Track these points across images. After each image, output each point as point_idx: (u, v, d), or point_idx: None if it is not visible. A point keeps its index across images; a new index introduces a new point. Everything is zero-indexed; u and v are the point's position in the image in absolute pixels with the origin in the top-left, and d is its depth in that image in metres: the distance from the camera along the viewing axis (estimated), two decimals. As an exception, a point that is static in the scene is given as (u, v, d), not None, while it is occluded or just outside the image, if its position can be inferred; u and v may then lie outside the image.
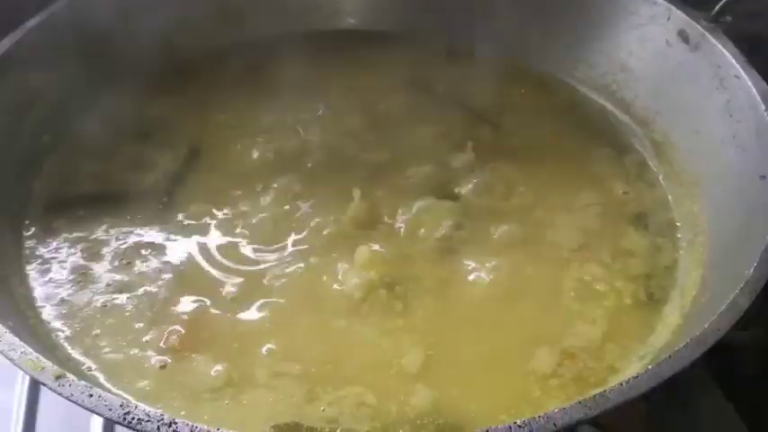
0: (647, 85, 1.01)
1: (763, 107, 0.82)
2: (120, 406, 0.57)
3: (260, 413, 0.70)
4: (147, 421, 0.56)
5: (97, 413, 0.57)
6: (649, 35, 1.00)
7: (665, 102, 0.98)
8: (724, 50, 0.89)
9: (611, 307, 0.81)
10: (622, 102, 1.04)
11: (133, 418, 0.57)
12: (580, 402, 0.58)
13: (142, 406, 0.57)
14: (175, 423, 0.56)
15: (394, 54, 1.10)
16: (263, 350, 0.75)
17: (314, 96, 1.04)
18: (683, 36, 0.95)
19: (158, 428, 0.56)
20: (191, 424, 0.56)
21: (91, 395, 0.58)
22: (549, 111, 1.05)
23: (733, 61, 0.88)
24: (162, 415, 0.56)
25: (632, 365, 0.75)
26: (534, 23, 1.09)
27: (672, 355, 0.61)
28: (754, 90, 0.84)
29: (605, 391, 0.59)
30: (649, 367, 0.60)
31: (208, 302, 0.79)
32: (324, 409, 0.70)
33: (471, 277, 0.82)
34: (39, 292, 0.80)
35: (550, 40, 1.09)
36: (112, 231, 0.86)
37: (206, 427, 0.55)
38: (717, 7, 0.92)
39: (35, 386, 0.88)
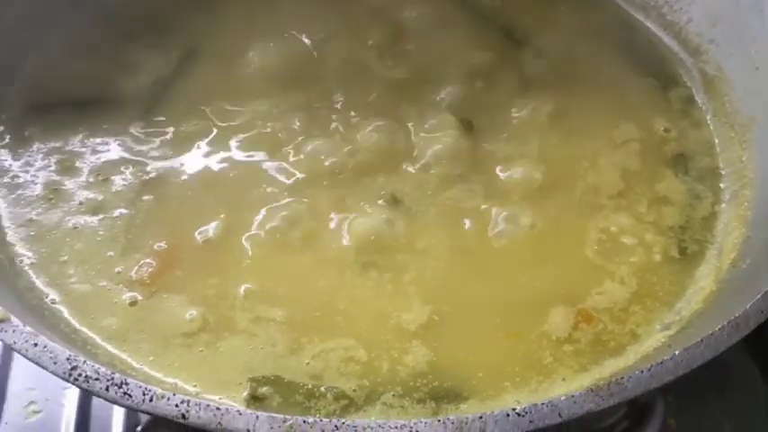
0: (703, 7, 0.89)
1: (839, 47, 0.70)
2: (67, 359, 0.51)
3: (237, 363, 0.63)
4: (96, 380, 0.50)
5: (41, 365, 0.51)
6: (711, -52, 0.87)
7: (722, 29, 0.87)
8: (799, -28, 0.77)
9: (639, 263, 0.72)
10: (673, 25, 0.92)
11: (80, 375, 0.50)
12: (592, 390, 0.50)
13: (90, 363, 0.50)
14: (127, 384, 0.49)
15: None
16: (245, 291, 0.67)
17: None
18: (753, -48, 0.82)
19: (107, 389, 0.49)
20: (143, 386, 0.49)
21: (35, 344, 0.51)
22: (589, 32, 0.93)
23: (808, -15, 0.76)
24: (112, 374, 0.50)
25: (655, 335, 0.66)
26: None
27: (704, 340, 0.53)
28: (830, 25, 0.72)
29: (622, 378, 0.51)
30: (676, 353, 0.52)
31: (188, 232, 0.71)
32: (308, 363, 0.63)
33: (491, 225, 0.74)
34: (4, 210, 0.72)
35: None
36: (90, 141, 0.78)
37: (160, 391, 0.49)
38: None
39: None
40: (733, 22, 0.85)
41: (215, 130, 0.81)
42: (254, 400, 0.61)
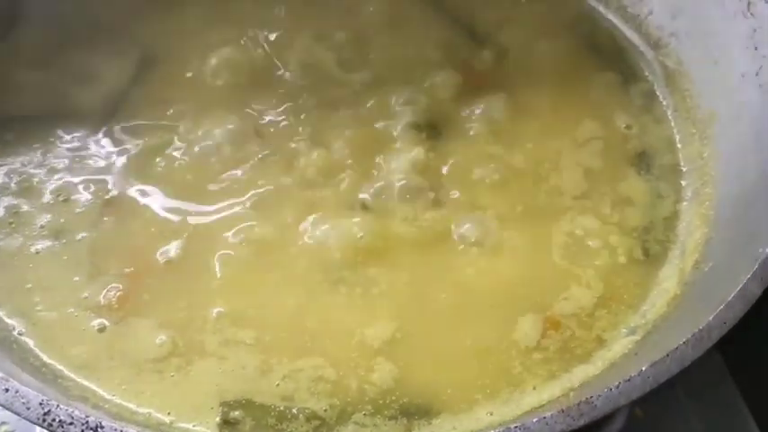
0: (663, 0, 0.89)
1: (794, 43, 0.71)
2: (40, 404, 0.50)
3: (208, 387, 0.63)
4: (70, 424, 0.50)
5: (14, 411, 0.50)
6: (673, -59, 0.87)
7: (682, 22, 0.87)
8: (756, -33, 0.77)
9: (604, 266, 0.73)
10: (634, 18, 0.92)
11: (54, 420, 0.50)
12: (563, 411, 0.51)
13: (63, 407, 0.49)
14: (102, 427, 0.49)
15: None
16: (213, 313, 0.67)
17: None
18: (712, -54, 0.82)
19: (81, 432, 0.49)
20: (118, 429, 0.49)
21: (6, 389, 0.51)
22: (552, 25, 0.93)
23: (766, -17, 0.76)
24: (86, 418, 0.49)
25: (621, 340, 0.68)
26: None
27: (669, 354, 0.54)
28: (786, 22, 0.72)
29: (591, 397, 0.52)
30: (643, 369, 0.53)
31: (152, 254, 0.70)
32: (278, 384, 0.64)
33: (454, 233, 0.74)
34: (-37, 237, 0.71)
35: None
36: (47, 159, 0.77)
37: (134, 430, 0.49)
38: None
39: None
40: (693, 14, 0.85)
41: (176, 142, 0.79)
42: (227, 424, 0.61)
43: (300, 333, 0.66)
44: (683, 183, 0.80)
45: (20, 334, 0.65)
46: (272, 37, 0.89)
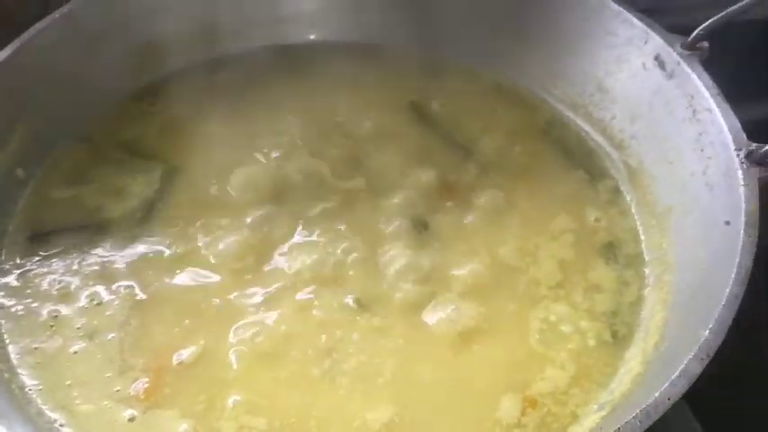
0: (623, 107, 1.00)
1: (732, 147, 0.81)
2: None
3: (226, 470, 0.72)
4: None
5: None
6: (627, 57, 0.98)
7: (640, 126, 0.97)
8: (698, 82, 0.87)
9: (576, 349, 0.82)
10: (599, 123, 1.02)
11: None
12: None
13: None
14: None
15: (367, 66, 1.09)
16: (230, 402, 0.76)
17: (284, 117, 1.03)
18: (660, 61, 0.94)
19: None
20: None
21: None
22: (525, 131, 1.04)
23: (706, 93, 0.86)
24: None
25: (591, 415, 0.76)
26: (510, 36, 1.08)
27: (620, 429, 0.62)
28: (725, 127, 0.82)
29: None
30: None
31: (177, 350, 0.80)
32: (288, 465, 0.72)
33: (441, 321, 0.83)
34: (11, 340, 0.81)
35: (528, 54, 1.08)
36: (83, 267, 0.87)
37: None
38: (694, 33, 0.90)
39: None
40: (649, 119, 0.95)
41: (198, 249, 0.90)
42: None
43: (307, 419, 0.76)
44: (646, 270, 0.89)
45: (61, 425, 0.75)
46: (279, 151, 1.00)
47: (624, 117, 1.00)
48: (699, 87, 0.88)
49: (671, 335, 0.78)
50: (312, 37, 1.15)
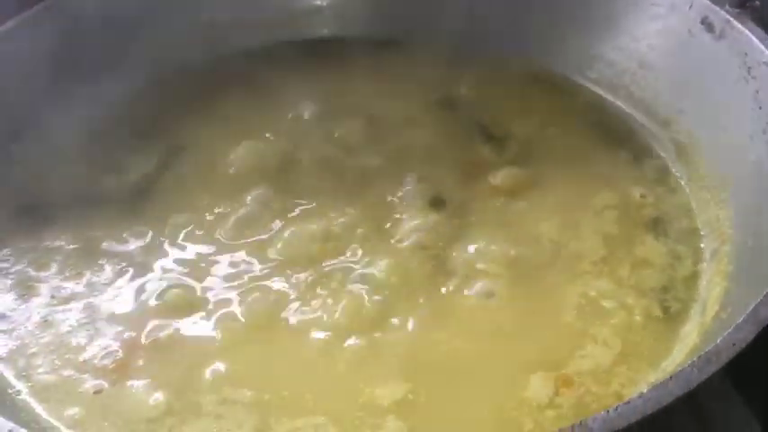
0: (668, 81, 0.90)
1: (796, 95, 0.71)
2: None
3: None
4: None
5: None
6: (670, 26, 0.90)
7: (688, 98, 0.87)
8: (752, 36, 0.79)
9: (620, 325, 0.70)
10: (641, 102, 0.93)
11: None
12: (561, 432, 0.48)
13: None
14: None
15: (392, 59, 1.01)
16: (210, 372, 0.66)
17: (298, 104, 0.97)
18: (707, 24, 0.85)
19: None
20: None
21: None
22: (561, 116, 0.94)
23: (762, 47, 0.77)
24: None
25: (640, 395, 0.63)
26: (545, 19, 1.00)
27: (674, 376, 0.50)
28: (786, 76, 0.73)
29: (585, 420, 0.48)
30: (644, 390, 0.49)
31: (156, 322, 0.71)
32: (275, 443, 0.61)
33: (470, 298, 0.73)
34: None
35: (563, 38, 0.99)
36: (66, 238, 0.80)
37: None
38: (742, -9, 0.82)
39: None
40: (697, 89, 0.86)
41: (193, 226, 0.82)
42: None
43: (302, 392, 0.65)
44: (702, 245, 0.78)
45: (17, 393, 0.65)
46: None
47: (669, 92, 0.90)
48: (753, 42, 0.79)
49: (734, 300, 0.66)
50: (335, 29, 1.09)
